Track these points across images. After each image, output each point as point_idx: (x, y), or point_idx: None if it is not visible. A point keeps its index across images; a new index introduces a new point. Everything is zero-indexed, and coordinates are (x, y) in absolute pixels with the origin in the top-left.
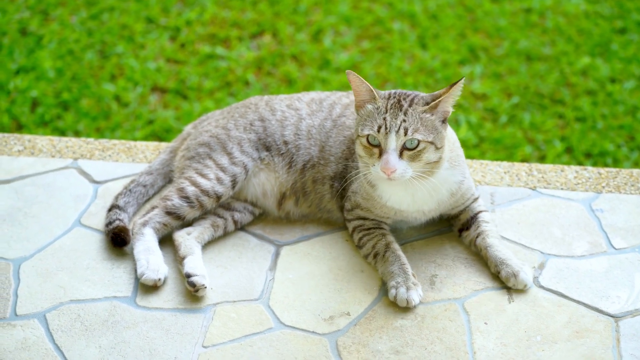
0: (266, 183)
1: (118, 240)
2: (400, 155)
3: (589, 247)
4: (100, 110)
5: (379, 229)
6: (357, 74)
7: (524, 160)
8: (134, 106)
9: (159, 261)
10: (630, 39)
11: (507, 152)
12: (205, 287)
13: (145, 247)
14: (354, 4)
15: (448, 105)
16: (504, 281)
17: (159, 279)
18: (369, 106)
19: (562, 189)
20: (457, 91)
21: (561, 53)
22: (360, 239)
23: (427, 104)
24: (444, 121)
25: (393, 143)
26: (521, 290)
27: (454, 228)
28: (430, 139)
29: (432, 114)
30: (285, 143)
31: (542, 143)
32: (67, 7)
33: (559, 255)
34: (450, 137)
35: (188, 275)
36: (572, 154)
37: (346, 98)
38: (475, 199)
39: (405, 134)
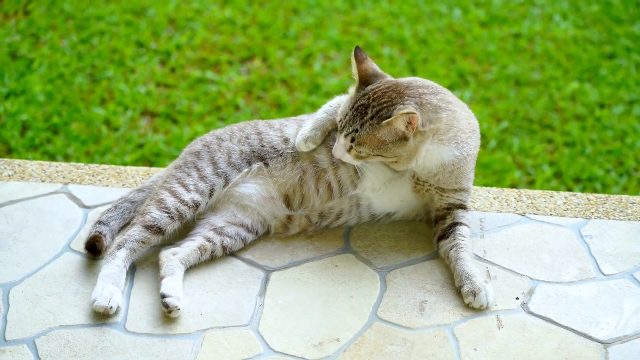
0: (269, 189)
1: (90, 248)
2: (349, 150)
3: (578, 273)
4: (90, 134)
5: None
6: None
7: (513, 185)
8: (124, 130)
9: (114, 290)
10: (618, 64)
11: (496, 177)
12: (179, 309)
13: (109, 272)
14: (343, 28)
15: (401, 128)
16: (463, 296)
17: (110, 307)
18: (352, 89)
19: (551, 214)
20: (401, 123)
21: (550, 78)
22: None
23: (386, 118)
24: (405, 138)
25: (342, 140)
26: (478, 310)
27: (433, 236)
28: (375, 153)
29: (387, 131)
30: (286, 140)
31: (531, 168)
32: (58, 31)
33: (548, 281)
34: (459, 115)
35: (163, 296)
36: (561, 179)
37: None
38: (465, 208)
39: (352, 141)
